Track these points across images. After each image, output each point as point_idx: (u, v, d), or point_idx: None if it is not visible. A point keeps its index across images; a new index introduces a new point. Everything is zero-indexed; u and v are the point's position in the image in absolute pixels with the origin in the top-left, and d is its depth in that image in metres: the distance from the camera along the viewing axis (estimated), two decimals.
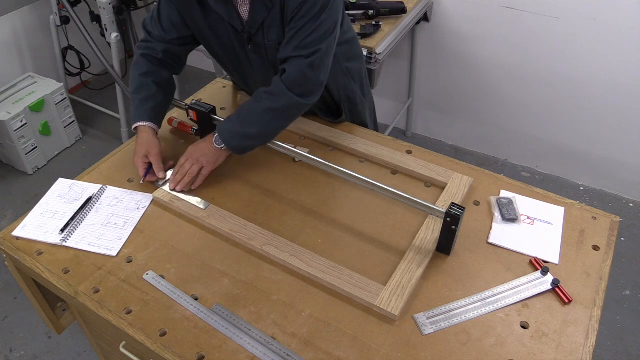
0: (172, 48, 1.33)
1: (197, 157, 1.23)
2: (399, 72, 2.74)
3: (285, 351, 0.92)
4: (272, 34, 1.21)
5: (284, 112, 1.22)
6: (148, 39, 1.33)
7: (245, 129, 1.21)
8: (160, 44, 1.32)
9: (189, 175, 1.22)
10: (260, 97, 1.21)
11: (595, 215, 1.17)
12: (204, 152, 1.24)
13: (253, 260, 1.09)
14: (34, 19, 2.87)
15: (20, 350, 1.94)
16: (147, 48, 1.32)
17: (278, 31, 1.20)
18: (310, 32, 1.15)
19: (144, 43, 1.34)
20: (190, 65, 3.54)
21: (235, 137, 1.22)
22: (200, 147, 1.25)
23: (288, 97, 1.19)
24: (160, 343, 0.94)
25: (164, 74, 1.34)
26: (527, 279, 1.03)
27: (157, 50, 1.32)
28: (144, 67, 1.31)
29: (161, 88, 1.32)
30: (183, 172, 1.23)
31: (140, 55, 1.32)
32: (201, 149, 1.24)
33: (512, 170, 2.69)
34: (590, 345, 0.93)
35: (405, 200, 1.07)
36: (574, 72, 2.29)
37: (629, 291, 2.11)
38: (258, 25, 1.20)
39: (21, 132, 2.58)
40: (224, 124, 1.23)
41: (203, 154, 1.23)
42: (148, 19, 1.33)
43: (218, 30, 1.26)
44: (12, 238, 1.15)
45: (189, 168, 1.22)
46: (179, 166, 1.24)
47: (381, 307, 0.97)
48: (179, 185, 1.22)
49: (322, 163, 1.17)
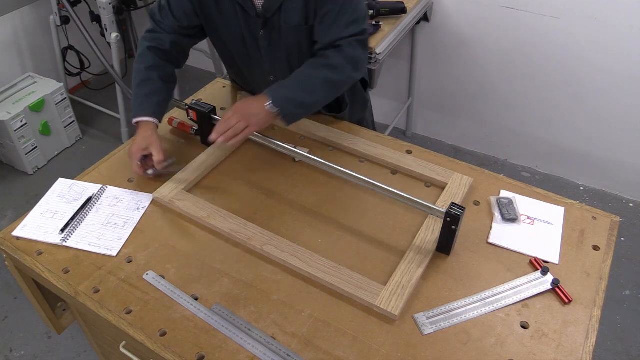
0: (180, 39, 1.33)
1: (246, 115, 1.18)
2: (399, 72, 2.74)
3: (285, 351, 0.92)
4: (291, 17, 1.21)
5: (338, 86, 1.25)
6: (156, 29, 1.33)
7: (302, 97, 1.21)
8: (169, 34, 1.32)
9: (233, 131, 1.17)
10: (318, 67, 1.22)
11: (595, 215, 1.17)
12: (255, 111, 1.19)
13: (253, 260, 1.09)
14: (34, 19, 2.87)
15: (20, 350, 1.94)
16: (153, 39, 1.32)
17: (299, 14, 1.21)
18: (353, 11, 1.20)
19: (151, 34, 1.33)
20: (190, 65, 3.54)
21: (291, 104, 1.21)
22: (251, 106, 1.20)
23: (346, 73, 1.22)
24: (160, 343, 0.94)
25: (168, 68, 1.34)
26: (527, 279, 1.03)
27: (165, 42, 1.31)
28: (149, 61, 1.30)
29: (166, 83, 1.31)
30: (228, 125, 1.17)
31: (146, 48, 1.31)
32: (253, 108, 1.19)
33: (512, 170, 2.69)
34: (590, 345, 0.93)
35: (405, 200, 1.07)
36: (574, 72, 2.29)
37: (629, 291, 2.11)
38: (276, 8, 1.20)
39: (21, 132, 2.58)
40: (278, 90, 1.21)
41: (254, 114, 1.19)
42: (156, 9, 1.33)
43: (228, 17, 1.26)
44: (12, 238, 1.15)
45: (235, 123, 1.17)
46: (225, 119, 1.19)
47: (381, 307, 0.97)
48: (222, 137, 1.17)
49: (322, 163, 1.17)
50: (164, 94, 1.31)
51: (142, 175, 1.26)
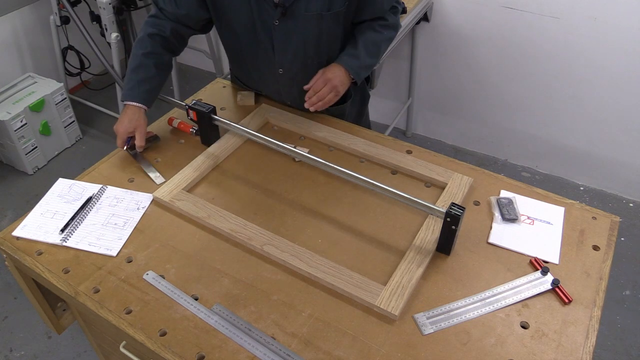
0: (180, 28, 1.35)
1: (335, 85, 1.29)
2: (399, 72, 2.74)
3: (285, 351, 0.92)
4: (314, 4, 1.23)
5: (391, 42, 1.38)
6: (158, 14, 1.35)
7: (372, 61, 1.35)
8: (170, 22, 1.34)
9: (325, 103, 1.31)
10: (379, 30, 1.33)
11: (595, 215, 1.17)
12: (342, 80, 1.30)
13: (253, 260, 1.09)
14: (34, 19, 2.87)
15: (20, 350, 1.94)
16: (155, 25, 1.34)
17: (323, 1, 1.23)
18: None
19: (153, 19, 1.35)
20: (190, 65, 3.55)
21: (362, 70, 1.34)
22: (338, 75, 1.30)
23: (398, 27, 1.39)
24: (160, 343, 0.94)
25: (165, 57, 1.36)
26: (527, 279, 1.03)
27: (166, 29, 1.33)
28: (147, 47, 1.32)
29: (160, 71, 1.35)
30: (321, 95, 1.29)
31: (147, 34, 1.33)
32: (339, 77, 1.30)
33: (512, 170, 2.69)
34: (590, 345, 0.93)
35: (405, 200, 1.07)
36: (574, 72, 2.29)
37: (629, 291, 2.11)
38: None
39: (21, 132, 2.58)
40: (351, 60, 1.31)
41: (341, 82, 1.30)
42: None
43: (240, 6, 1.27)
44: (12, 238, 1.15)
45: (327, 94, 1.29)
46: (314, 89, 1.30)
47: (381, 307, 0.97)
48: (314, 106, 1.31)
49: (322, 163, 1.17)
50: (156, 81, 1.35)
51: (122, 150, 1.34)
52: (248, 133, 1.28)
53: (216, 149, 1.34)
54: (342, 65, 1.31)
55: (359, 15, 1.32)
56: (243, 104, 1.53)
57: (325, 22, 1.27)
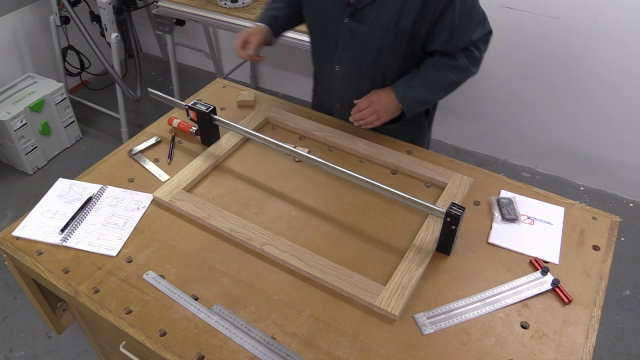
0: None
1: (376, 109, 1.32)
2: None
3: (285, 351, 0.92)
4: (384, 14, 1.21)
5: (459, 85, 1.33)
6: None
7: (427, 97, 1.33)
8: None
9: (367, 124, 1.34)
10: (444, 68, 1.29)
11: (595, 215, 1.17)
12: (386, 107, 1.32)
13: (253, 260, 1.09)
14: (34, 19, 2.87)
15: (20, 350, 1.94)
16: None
17: (393, 13, 1.21)
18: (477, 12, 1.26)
19: None
20: (190, 65, 3.55)
21: (414, 104, 1.33)
22: (384, 103, 1.32)
23: (469, 73, 1.31)
24: (160, 343, 0.94)
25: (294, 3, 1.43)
26: (527, 279, 1.03)
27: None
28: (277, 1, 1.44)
29: (289, 7, 1.42)
30: (362, 116, 1.34)
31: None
32: (385, 105, 1.32)
33: (512, 170, 2.69)
34: (590, 345, 0.93)
35: (405, 200, 1.07)
36: (574, 72, 2.29)
37: (629, 291, 2.11)
38: (370, 0, 1.21)
39: (21, 132, 2.58)
40: (406, 90, 1.31)
41: (385, 110, 1.33)
42: None
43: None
44: (12, 238, 1.15)
45: (369, 117, 1.33)
46: (359, 109, 1.35)
47: (381, 307, 0.97)
48: (356, 123, 1.36)
49: (322, 163, 1.17)
50: (283, 12, 1.43)
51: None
52: (248, 133, 1.28)
53: (216, 149, 1.34)
54: (393, 92, 1.32)
55: (430, 43, 1.28)
56: (243, 104, 1.53)
57: (390, 35, 1.24)
